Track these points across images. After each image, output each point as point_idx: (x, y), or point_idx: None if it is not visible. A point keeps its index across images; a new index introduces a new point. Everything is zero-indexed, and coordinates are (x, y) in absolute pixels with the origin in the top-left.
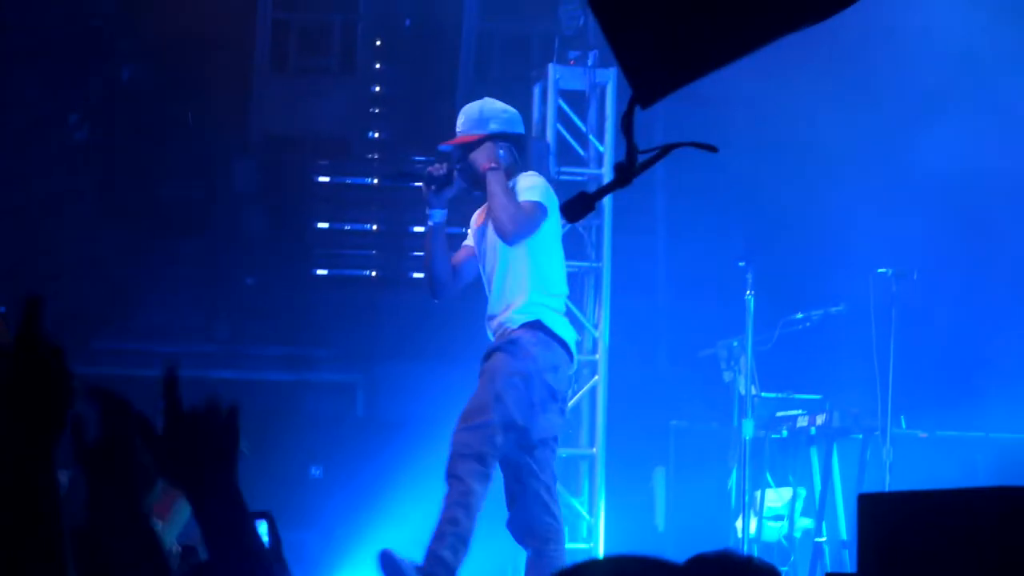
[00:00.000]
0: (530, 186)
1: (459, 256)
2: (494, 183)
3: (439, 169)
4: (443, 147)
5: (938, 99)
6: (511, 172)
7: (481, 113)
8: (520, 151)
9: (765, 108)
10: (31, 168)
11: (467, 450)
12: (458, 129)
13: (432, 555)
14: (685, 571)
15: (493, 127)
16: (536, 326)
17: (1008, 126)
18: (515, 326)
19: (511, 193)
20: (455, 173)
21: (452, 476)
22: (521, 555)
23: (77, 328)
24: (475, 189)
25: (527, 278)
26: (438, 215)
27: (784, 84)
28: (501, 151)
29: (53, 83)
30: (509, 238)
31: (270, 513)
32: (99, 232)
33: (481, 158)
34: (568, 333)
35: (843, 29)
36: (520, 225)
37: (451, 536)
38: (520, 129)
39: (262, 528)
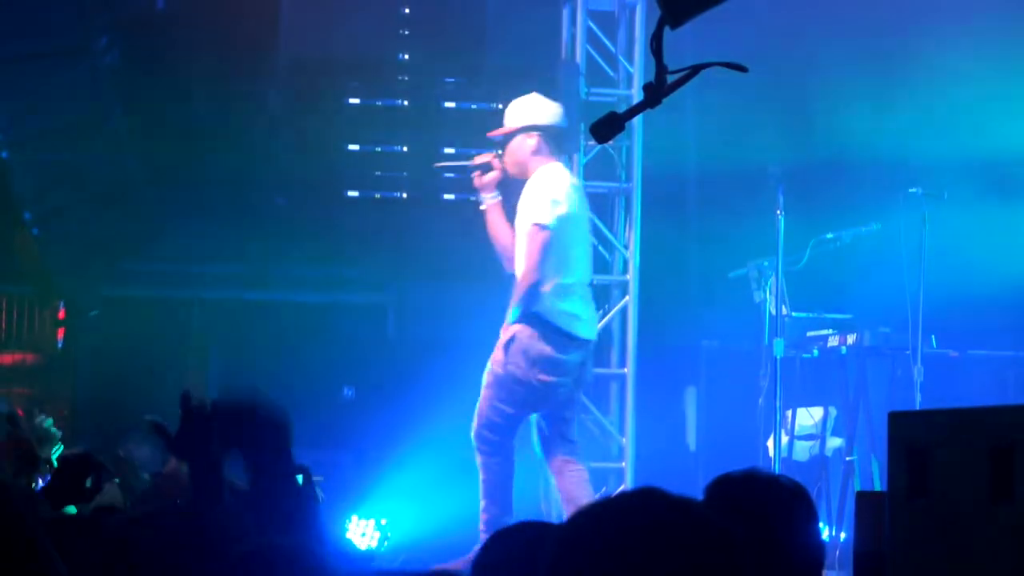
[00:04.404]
0: (536, 202)
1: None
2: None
3: (482, 158)
4: (491, 136)
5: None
6: (538, 160)
7: (522, 107)
8: (554, 141)
9: (793, 27)
10: (58, 92)
11: None
12: (504, 121)
13: None
14: (707, 495)
15: (529, 120)
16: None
17: None
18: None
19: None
20: (497, 160)
21: None
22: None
23: (107, 249)
24: (515, 175)
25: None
26: (486, 198)
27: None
28: (531, 140)
29: (81, 7)
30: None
31: (305, 467)
32: (127, 155)
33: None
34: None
35: None
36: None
37: None
38: (557, 122)
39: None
